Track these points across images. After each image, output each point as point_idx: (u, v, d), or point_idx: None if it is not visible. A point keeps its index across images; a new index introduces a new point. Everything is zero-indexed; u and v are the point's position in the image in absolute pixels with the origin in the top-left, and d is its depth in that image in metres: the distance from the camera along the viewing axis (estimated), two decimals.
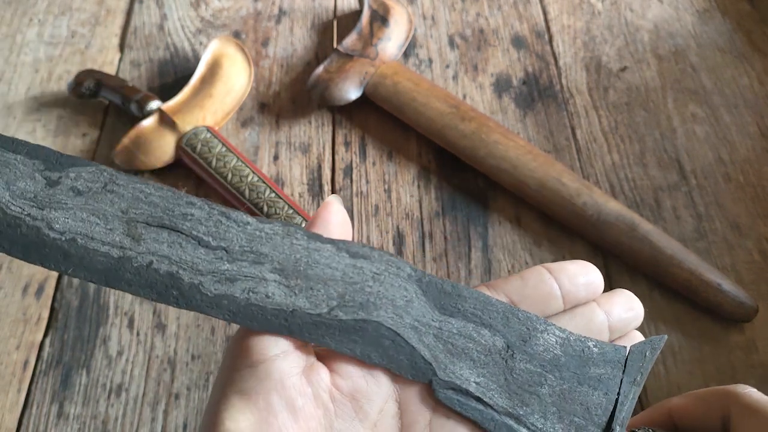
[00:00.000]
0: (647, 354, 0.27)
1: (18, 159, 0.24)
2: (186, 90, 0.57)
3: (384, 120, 0.56)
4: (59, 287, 0.50)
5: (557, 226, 0.50)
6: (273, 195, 0.50)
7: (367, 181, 0.54)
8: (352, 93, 0.55)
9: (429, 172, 0.54)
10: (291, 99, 0.59)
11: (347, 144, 0.56)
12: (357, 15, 0.64)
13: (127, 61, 0.62)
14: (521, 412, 0.25)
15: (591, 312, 0.28)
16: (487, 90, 0.58)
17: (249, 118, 0.58)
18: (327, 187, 0.54)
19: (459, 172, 0.53)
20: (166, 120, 0.55)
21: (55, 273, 0.50)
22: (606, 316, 0.28)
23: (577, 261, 0.29)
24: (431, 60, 0.60)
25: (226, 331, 0.47)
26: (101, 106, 0.60)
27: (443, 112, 0.53)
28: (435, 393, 0.25)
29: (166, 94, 0.59)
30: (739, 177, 0.52)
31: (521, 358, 0.26)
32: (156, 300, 0.23)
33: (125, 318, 0.48)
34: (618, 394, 0.26)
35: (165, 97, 0.58)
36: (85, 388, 0.45)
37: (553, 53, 0.60)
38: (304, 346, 0.25)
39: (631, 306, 0.29)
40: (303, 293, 0.24)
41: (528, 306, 0.27)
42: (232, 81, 0.58)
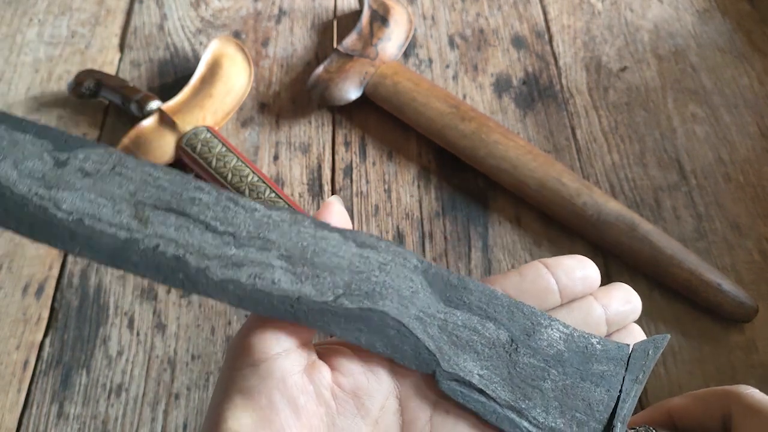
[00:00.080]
0: (650, 352, 0.27)
1: (27, 139, 0.24)
2: (186, 90, 0.57)
3: (384, 120, 0.56)
4: (59, 287, 0.50)
5: (557, 226, 0.50)
6: (273, 195, 0.50)
7: (367, 181, 0.54)
8: (352, 93, 0.55)
9: (429, 172, 0.54)
10: (291, 99, 0.59)
11: (347, 144, 0.56)
12: (357, 15, 0.64)
13: (127, 61, 0.62)
14: (523, 405, 0.25)
15: (588, 306, 0.28)
16: (487, 90, 0.58)
17: (249, 118, 0.58)
18: (327, 187, 0.54)
19: (459, 172, 0.53)
20: (166, 120, 0.55)
21: (55, 273, 0.50)
22: (603, 309, 0.28)
23: (574, 255, 0.29)
24: (431, 60, 0.60)
25: (226, 331, 0.47)
26: (101, 106, 0.60)
27: (443, 112, 0.53)
28: (438, 384, 0.25)
29: (166, 94, 0.59)
30: (739, 177, 0.52)
31: (525, 352, 0.26)
32: (162, 283, 0.23)
33: (125, 318, 0.48)
34: (620, 391, 0.26)
35: (165, 97, 0.58)
36: (85, 388, 0.45)
37: (553, 53, 0.60)
38: (305, 344, 0.25)
39: (629, 299, 0.29)
40: (309, 280, 0.24)
41: (526, 301, 0.27)
42: (232, 81, 0.58)
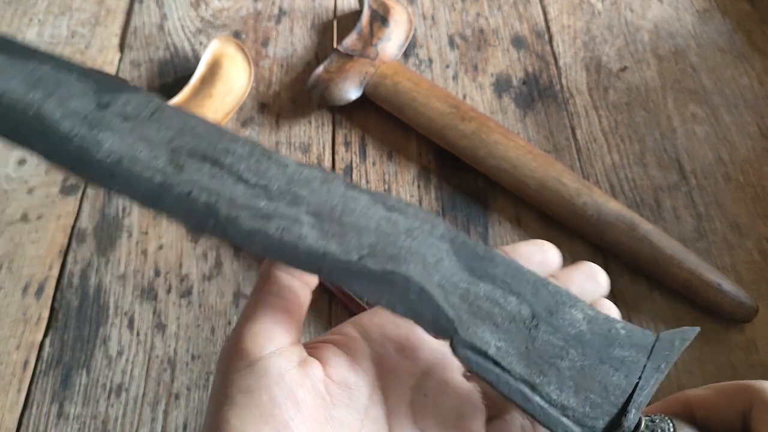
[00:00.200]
0: (676, 343, 0.26)
1: (71, 79, 0.25)
2: (186, 90, 0.57)
3: (384, 120, 0.56)
4: (59, 287, 0.50)
5: (557, 226, 0.50)
6: None
7: (367, 181, 0.54)
8: (352, 93, 0.55)
9: (429, 172, 0.54)
10: (291, 99, 0.59)
11: (347, 144, 0.56)
12: (357, 15, 0.64)
13: (127, 61, 0.62)
14: (537, 381, 0.25)
15: None
16: (487, 90, 0.58)
17: (249, 118, 0.58)
18: None
19: (459, 172, 0.53)
20: None
21: (55, 273, 0.50)
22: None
23: (533, 240, 0.29)
24: (431, 60, 0.60)
25: (226, 331, 0.47)
26: None
27: (443, 112, 0.53)
28: (454, 351, 0.25)
29: (166, 94, 0.59)
30: (739, 177, 0.52)
31: (545, 329, 0.25)
32: (193, 228, 0.24)
33: (125, 318, 0.48)
34: (639, 378, 0.25)
35: (165, 97, 0.58)
36: (85, 388, 0.45)
37: (553, 53, 0.60)
38: (295, 342, 0.26)
39: (591, 275, 0.29)
40: (335, 239, 0.24)
41: None
42: (232, 81, 0.58)
